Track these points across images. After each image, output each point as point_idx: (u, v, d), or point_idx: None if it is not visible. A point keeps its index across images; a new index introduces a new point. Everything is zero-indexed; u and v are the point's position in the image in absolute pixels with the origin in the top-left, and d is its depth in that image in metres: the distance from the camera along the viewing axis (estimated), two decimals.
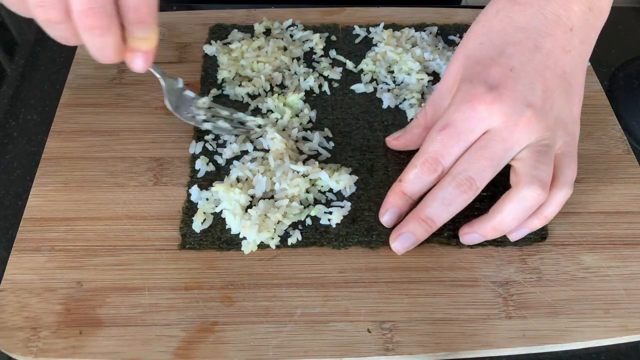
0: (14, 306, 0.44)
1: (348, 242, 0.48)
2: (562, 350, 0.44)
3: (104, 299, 0.44)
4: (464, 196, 0.44)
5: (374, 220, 0.49)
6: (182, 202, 0.50)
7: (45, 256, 0.47)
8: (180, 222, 0.49)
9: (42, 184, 0.51)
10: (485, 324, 0.44)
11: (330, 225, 0.49)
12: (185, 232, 0.48)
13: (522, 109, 0.44)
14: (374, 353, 0.42)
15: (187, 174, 0.52)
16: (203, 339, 0.43)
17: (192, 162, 0.53)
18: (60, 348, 0.42)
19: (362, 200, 0.51)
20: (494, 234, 0.46)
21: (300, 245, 0.48)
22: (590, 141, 0.56)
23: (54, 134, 0.55)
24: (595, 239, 0.49)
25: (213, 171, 0.52)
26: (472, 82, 0.45)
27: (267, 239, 0.47)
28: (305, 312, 0.44)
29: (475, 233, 0.47)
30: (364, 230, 0.49)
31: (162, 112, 0.56)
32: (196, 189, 0.50)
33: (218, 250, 0.47)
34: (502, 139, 0.44)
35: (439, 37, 0.64)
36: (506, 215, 0.45)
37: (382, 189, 0.51)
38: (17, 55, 0.63)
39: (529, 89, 0.44)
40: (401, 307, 0.45)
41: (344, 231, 0.48)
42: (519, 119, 0.43)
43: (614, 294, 0.46)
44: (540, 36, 0.45)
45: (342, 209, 0.49)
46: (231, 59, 0.60)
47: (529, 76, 0.45)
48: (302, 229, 0.49)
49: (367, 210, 0.50)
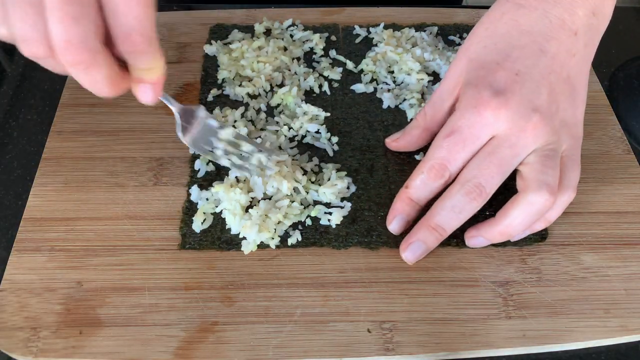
0: (14, 306, 0.44)
1: (348, 242, 0.48)
2: (562, 350, 0.44)
3: (104, 299, 0.44)
4: (473, 203, 0.44)
5: (374, 220, 0.49)
6: (182, 202, 0.50)
7: (45, 256, 0.47)
8: (180, 222, 0.49)
9: (42, 184, 0.51)
10: (485, 324, 0.44)
11: (330, 225, 0.49)
12: (185, 232, 0.48)
13: (528, 113, 0.43)
14: (374, 353, 0.42)
15: (187, 174, 0.52)
16: (203, 339, 0.43)
17: (192, 162, 0.53)
18: (60, 348, 0.42)
19: (362, 200, 0.50)
20: (501, 238, 0.46)
21: (300, 246, 0.48)
22: (590, 141, 0.56)
23: (54, 134, 0.55)
24: (596, 239, 0.49)
25: (213, 171, 0.52)
26: (477, 86, 0.45)
27: (267, 239, 0.47)
28: (305, 312, 0.44)
29: (482, 237, 0.47)
30: (363, 230, 0.49)
31: (162, 112, 0.56)
32: (196, 189, 0.50)
33: (218, 250, 0.47)
34: (509, 145, 0.43)
35: (439, 37, 0.64)
36: (513, 219, 0.44)
37: (382, 189, 0.51)
38: (17, 55, 0.63)
39: (535, 93, 0.44)
40: (401, 307, 0.45)
41: (343, 231, 0.48)
42: (526, 124, 0.43)
43: (614, 294, 0.46)
44: (546, 40, 0.45)
45: (342, 210, 0.50)
46: (231, 58, 0.60)
47: (534, 80, 0.44)
48: (302, 229, 0.49)
49: (367, 210, 0.50)
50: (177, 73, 0.60)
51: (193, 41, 0.63)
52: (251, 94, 0.58)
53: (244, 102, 0.57)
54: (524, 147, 0.44)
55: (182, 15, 0.66)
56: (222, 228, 0.48)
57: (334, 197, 0.50)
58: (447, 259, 0.47)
